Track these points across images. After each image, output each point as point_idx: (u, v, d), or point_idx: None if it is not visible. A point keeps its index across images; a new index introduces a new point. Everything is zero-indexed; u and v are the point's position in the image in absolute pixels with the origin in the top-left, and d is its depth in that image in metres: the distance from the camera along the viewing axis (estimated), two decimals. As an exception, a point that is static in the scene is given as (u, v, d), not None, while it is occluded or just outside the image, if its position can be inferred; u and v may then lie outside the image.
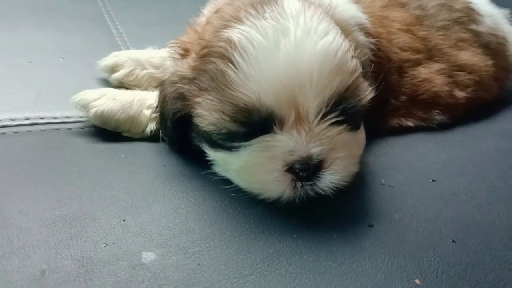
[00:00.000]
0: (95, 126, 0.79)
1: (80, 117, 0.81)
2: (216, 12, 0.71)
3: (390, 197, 0.67)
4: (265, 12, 0.63)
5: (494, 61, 0.95)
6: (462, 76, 0.91)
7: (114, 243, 0.55)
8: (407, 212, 0.65)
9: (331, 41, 0.62)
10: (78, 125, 0.81)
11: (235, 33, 0.62)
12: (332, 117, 0.62)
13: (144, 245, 0.55)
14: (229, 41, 0.62)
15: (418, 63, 0.89)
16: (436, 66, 0.90)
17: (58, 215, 0.58)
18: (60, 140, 0.76)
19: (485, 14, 0.99)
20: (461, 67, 0.91)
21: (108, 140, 0.77)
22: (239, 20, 0.63)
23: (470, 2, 0.99)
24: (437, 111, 0.88)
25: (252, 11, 0.63)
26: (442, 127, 0.88)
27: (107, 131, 0.78)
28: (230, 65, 0.60)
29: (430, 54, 0.90)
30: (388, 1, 0.93)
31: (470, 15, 0.97)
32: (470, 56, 0.92)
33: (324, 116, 0.62)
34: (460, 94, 0.90)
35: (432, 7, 0.94)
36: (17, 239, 0.54)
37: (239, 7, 0.66)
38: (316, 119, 0.61)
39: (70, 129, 0.80)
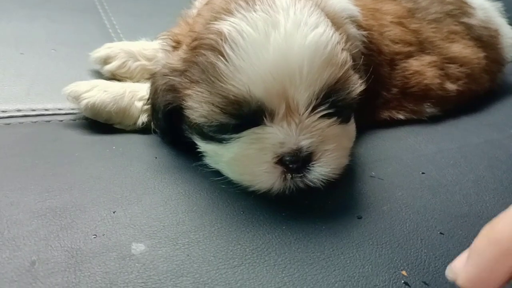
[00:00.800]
0: (86, 118, 0.79)
1: (72, 109, 0.81)
2: (207, 4, 0.71)
3: (379, 189, 0.68)
4: (256, 4, 0.63)
5: (485, 54, 0.96)
6: (454, 69, 0.91)
7: (104, 235, 0.55)
8: (396, 204, 0.65)
9: (321, 33, 0.62)
10: (69, 117, 0.81)
11: (225, 25, 0.62)
12: (322, 110, 0.62)
13: (134, 237, 0.55)
14: (220, 33, 0.62)
15: (409, 55, 0.89)
16: (427, 58, 0.90)
17: (48, 207, 0.59)
18: (51, 132, 0.76)
19: (477, 7, 0.99)
20: (452, 60, 0.92)
21: (100, 132, 0.77)
22: (229, 12, 0.63)
23: (463, -5, 0.99)
24: (428, 103, 0.89)
25: (243, 3, 0.63)
26: (433, 119, 0.89)
27: (98, 123, 0.79)
28: (220, 57, 0.60)
29: (421, 46, 0.91)
30: (380, -7, 0.93)
31: (462, 8, 0.97)
32: (461, 49, 0.93)
33: (314, 108, 0.62)
34: (451, 86, 0.90)
35: (424, 0, 0.94)
36: (7, 230, 0.54)
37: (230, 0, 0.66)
38: (306, 112, 0.62)
39: (61, 121, 0.80)
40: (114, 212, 0.59)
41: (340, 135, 0.66)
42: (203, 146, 0.68)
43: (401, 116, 0.88)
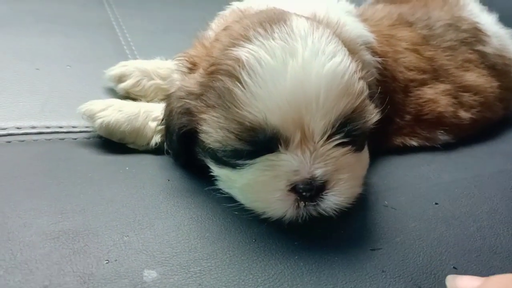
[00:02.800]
0: (100, 137, 0.80)
1: (86, 127, 0.82)
2: (225, 29, 0.71)
3: (392, 219, 0.67)
4: (274, 32, 0.63)
5: (499, 83, 0.95)
6: (467, 97, 0.91)
7: (116, 260, 0.55)
8: (409, 235, 0.65)
9: (338, 62, 0.62)
10: (83, 135, 0.81)
11: (243, 52, 0.62)
12: (337, 139, 0.62)
13: (146, 263, 0.55)
14: (237, 60, 0.62)
15: (423, 83, 0.89)
16: (441, 86, 0.90)
17: (61, 229, 0.59)
18: (65, 150, 0.77)
19: (492, 34, 0.99)
20: (466, 88, 0.91)
21: (113, 151, 0.78)
22: (247, 39, 0.64)
23: (477, 22, 0.99)
24: (442, 131, 0.89)
25: (261, 31, 0.64)
26: (446, 147, 0.89)
27: (112, 142, 0.79)
28: (238, 83, 0.61)
29: (436, 74, 0.90)
30: (395, 20, 0.93)
31: (477, 36, 0.97)
32: (476, 78, 0.92)
33: (329, 137, 0.62)
34: (465, 115, 0.90)
35: (439, 27, 0.95)
36: (20, 253, 0.54)
37: (248, 26, 0.66)
38: (321, 140, 0.62)
39: (75, 139, 0.80)
40: (126, 237, 0.59)
41: (354, 164, 0.66)
42: (216, 170, 0.68)
43: (414, 143, 0.87)
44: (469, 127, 0.91)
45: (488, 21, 1.02)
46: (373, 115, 0.66)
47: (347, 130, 0.63)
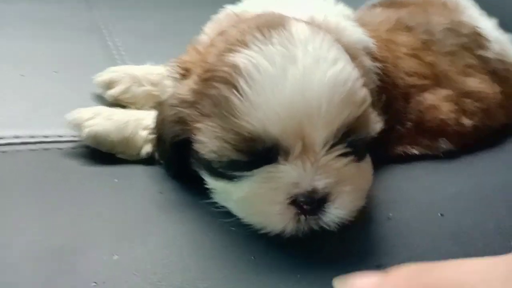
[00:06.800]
0: (88, 147, 0.76)
1: (73, 136, 0.77)
2: (220, 34, 0.68)
3: (397, 233, 0.64)
4: (272, 37, 0.60)
5: (501, 88, 0.93)
6: (469, 104, 0.88)
7: (104, 282, 0.51)
8: (415, 251, 0.62)
9: (340, 69, 0.59)
10: (70, 145, 0.77)
11: (240, 58, 0.59)
12: (339, 149, 0.59)
13: (137, 285, 0.52)
14: (234, 66, 0.59)
15: (424, 89, 0.86)
16: (443, 92, 0.87)
17: (46, 248, 0.55)
18: (50, 161, 0.72)
19: (493, 39, 0.96)
20: (468, 94, 0.89)
21: (101, 162, 0.74)
22: (245, 44, 0.60)
23: (477, 27, 0.97)
24: (444, 139, 0.86)
25: (259, 35, 0.60)
26: (448, 156, 0.86)
27: (100, 152, 0.75)
28: (235, 91, 0.57)
29: (437, 80, 0.88)
30: (394, 25, 0.91)
31: (477, 41, 0.94)
32: (477, 83, 0.90)
33: (331, 147, 0.59)
34: (467, 122, 0.87)
35: (439, 31, 0.92)
36: (2, 275, 0.50)
37: (244, 30, 0.63)
38: (323, 150, 0.59)
39: (61, 149, 0.76)
40: (116, 256, 0.55)
41: (357, 175, 0.63)
42: (211, 182, 0.65)
43: (416, 152, 0.84)
44: (471, 135, 0.88)
45: (488, 25, 1.00)
46: (376, 123, 0.63)
47: (350, 140, 0.60)
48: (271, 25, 0.62)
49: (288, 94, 0.56)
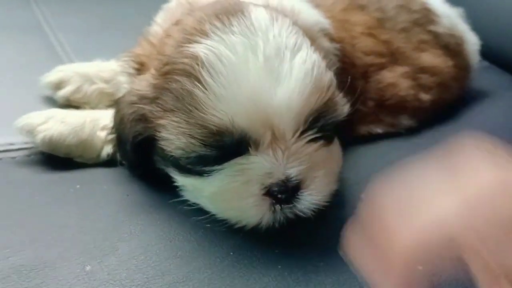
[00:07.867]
0: (43, 153, 0.71)
1: (26, 143, 0.72)
2: (175, 24, 0.65)
3: (371, 213, 0.64)
4: (232, 26, 0.58)
5: (454, 62, 0.95)
6: (426, 79, 0.90)
7: (79, 297, 0.48)
8: (392, 229, 0.62)
9: (304, 56, 0.58)
10: (23, 152, 0.72)
11: (201, 49, 0.56)
12: (309, 135, 0.58)
13: (115, 296, 0.49)
14: (195, 58, 0.56)
15: (382, 67, 0.87)
16: (400, 69, 0.88)
17: (11, 266, 0.51)
18: (3, 172, 0.68)
19: (442, 14, 0.98)
20: (424, 70, 0.90)
21: (59, 168, 0.69)
22: (204, 33, 0.58)
23: (426, 3, 0.98)
24: (405, 115, 0.87)
25: (218, 24, 0.58)
26: (409, 132, 0.87)
27: (57, 158, 0.70)
28: (198, 84, 0.55)
29: (393, 57, 0.88)
30: (348, 4, 0.90)
31: (427, 16, 0.96)
32: (432, 58, 0.92)
33: (301, 134, 0.58)
34: (425, 97, 0.89)
35: (391, 9, 0.92)
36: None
37: (202, 19, 0.60)
38: (293, 138, 0.57)
39: (14, 157, 0.71)
40: (88, 266, 0.52)
41: (328, 159, 0.62)
42: (180, 180, 0.62)
43: (379, 130, 0.85)
44: (430, 109, 0.90)
45: (436, 0, 1.01)
46: (344, 105, 0.62)
47: (320, 125, 0.59)
48: (229, 12, 0.59)
49: (253, 85, 0.54)
